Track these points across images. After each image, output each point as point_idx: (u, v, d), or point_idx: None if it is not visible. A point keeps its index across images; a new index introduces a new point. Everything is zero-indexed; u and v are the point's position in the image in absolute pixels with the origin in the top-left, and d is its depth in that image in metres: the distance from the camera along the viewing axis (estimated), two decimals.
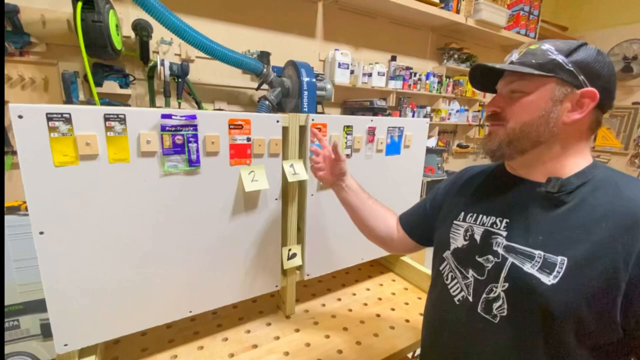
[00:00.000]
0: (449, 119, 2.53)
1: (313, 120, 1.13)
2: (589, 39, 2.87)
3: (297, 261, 1.22)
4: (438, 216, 0.83)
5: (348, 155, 1.25)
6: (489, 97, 2.71)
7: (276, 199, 1.11)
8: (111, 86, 1.23)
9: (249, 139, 1.00)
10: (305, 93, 1.26)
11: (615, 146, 2.81)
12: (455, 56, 2.39)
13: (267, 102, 1.27)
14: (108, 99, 1.24)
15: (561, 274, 0.54)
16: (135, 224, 0.87)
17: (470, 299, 0.65)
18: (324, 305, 1.25)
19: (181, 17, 1.09)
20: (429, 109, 2.38)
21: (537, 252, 0.57)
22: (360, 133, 1.26)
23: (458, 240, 0.72)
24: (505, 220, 0.65)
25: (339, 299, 1.30)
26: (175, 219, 0.93)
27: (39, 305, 0.91)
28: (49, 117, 0.72)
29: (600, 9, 2.85)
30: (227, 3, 1.49)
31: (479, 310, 0.63)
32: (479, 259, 0.65)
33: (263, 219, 1.09)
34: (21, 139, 0.71)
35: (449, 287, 0.71)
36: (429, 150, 2.29)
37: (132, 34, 1.25)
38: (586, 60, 0.57)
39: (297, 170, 1.12)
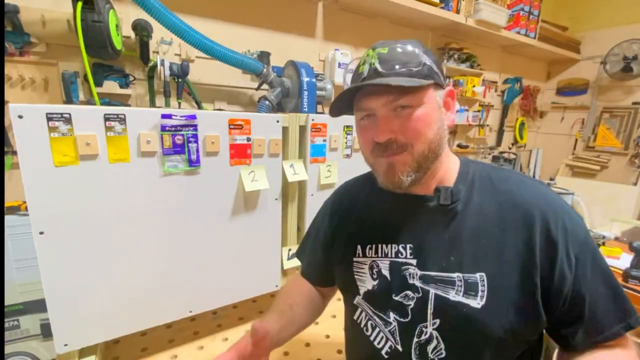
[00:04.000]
0: None
1: (313, 120, 1.13)
2: (589, 39, 2.87)
3: (297, 261, 1.22)
4: (332, 255, 0.70)
5: (348, 155, 1.25)
6: (487, 96, 2.70)
7: (276, 199, 1.11)
8: (111, 86, 1.23)
9: (249, 139, 1.00)
10: (305, 93, 1.26)
11: (615, 146, 2.81)
12: (455, 56, 2.38)
13: (267, 102, 1.27)
14: (108, 99, 1.24)
15: (485, 292, 0.50)
16: (135, 224, 0.88)
17: (400, 348, 0.56)
18: None
19: (181, 17, 1.09)
20: None
21: (455, 275, 0.52)
22: None
23: (367, 282, 0.61)
24: (409, 246, 0.57)
25: (339, 299, 1.30)
26: (175, 219, 0.93)
27: (39, 305, 0.91)
28: (49, 117, 0.73)
29: (600, 9, 2.84)
30: (227, 3, 1.49)
31: (413, 359, 0.55)
32: (397, 298, 0.56)
33: (263, 219, 1.09)
34: (21, 139, 0.71)
35: (371, 339, 0.60)
36: None
37: (132, 34, 1.25)
38: (436, 59, 0.55)
39: (297, 170, 1.12)
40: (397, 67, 0.51)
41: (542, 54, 2.79)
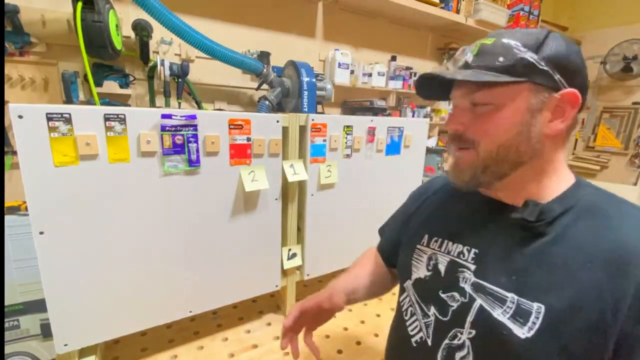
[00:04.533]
0: None
1: (313, 120, 1.13)
2: (589, 39, 2.87)
3: (297, 261, 1.22)
4: (403, 236, 0.71)
5: (348, 155, 1.25)
6: None
7: (276, 199, 1.11)
8: (111, 86, 1.23)
9: (249, 139, 1.00)
10: (305, 93, 1.26)
11: (615, 146, 2.81)
12: None
13: (267, 102, 1.27)
14: (108, 99, 1.24)
15: (537, 325, 0.44)
16: (135, 224, 0.88)
17: (429, 342, 0.55)
18: None
19: (181, 17, 1.09)
20: (429, 109, 2.37)
21: (509, 295, 0.47)
22: (360, 133, 1.26)
23: (420, 270, 0.61)
24: (474, 251, 0.54)
25: None
26: (175, 219, 0.93)
27: (39, 305, 0.91)
28: (49, 117, 0.73)
29: (600, 9, 2.84)
30: (226, 3, 1.49)
31: (438, 358, 0.54)
32: (443, 296, 0.55)
33: (263, 219, 1.09)
34: (21, 139, 0.71)
35: (407, 324, 0.61)
36: (429, 150, 2.29)
37: (132, 34, 1.25)
38: (559, 54, 0.46)
39: (297, 170, 1.12)
40: (495, 60, 0.47)
41: None
